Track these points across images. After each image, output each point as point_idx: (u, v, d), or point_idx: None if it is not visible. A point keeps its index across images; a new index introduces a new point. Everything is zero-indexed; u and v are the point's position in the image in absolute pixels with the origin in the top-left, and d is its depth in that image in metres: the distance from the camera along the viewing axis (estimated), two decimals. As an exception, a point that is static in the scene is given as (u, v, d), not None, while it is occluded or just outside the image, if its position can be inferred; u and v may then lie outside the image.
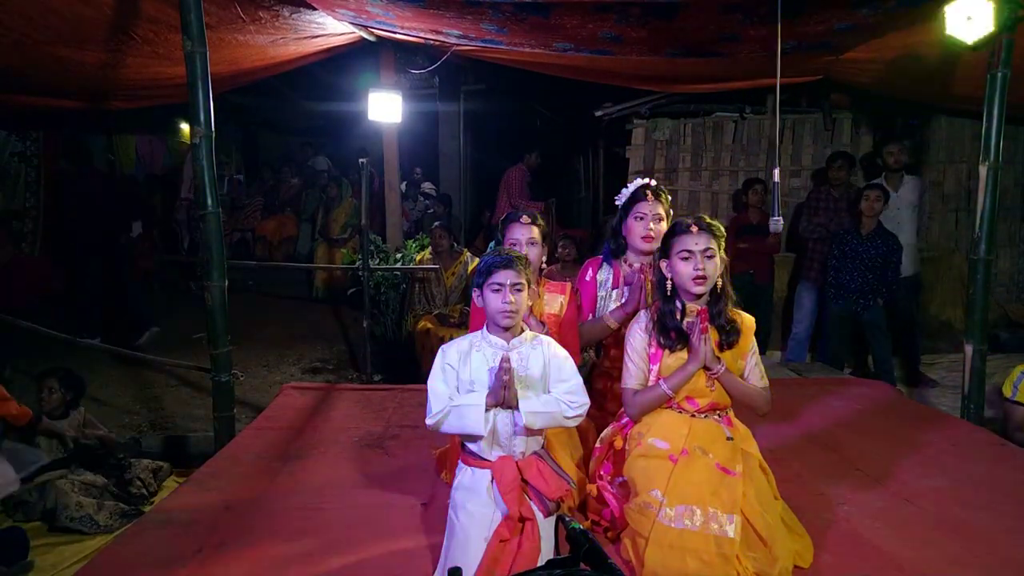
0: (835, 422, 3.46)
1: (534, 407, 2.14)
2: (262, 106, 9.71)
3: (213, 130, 3.32)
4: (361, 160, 5.36)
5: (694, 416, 2.30)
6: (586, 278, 2.89)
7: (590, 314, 2.84)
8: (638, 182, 2.80)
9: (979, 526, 2.41)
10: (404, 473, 2.86)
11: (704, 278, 2.25)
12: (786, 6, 3.52)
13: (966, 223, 6.15)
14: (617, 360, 2.58)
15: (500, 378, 2.12)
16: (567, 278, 3.03)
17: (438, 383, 2.21)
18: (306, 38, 4.98)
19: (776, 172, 3.37)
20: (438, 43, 5.46)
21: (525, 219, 2.71)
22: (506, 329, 2.23)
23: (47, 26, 3.70)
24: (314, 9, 4.35)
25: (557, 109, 9.51)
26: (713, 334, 2.29)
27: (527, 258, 2.35)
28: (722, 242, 2.31)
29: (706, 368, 2.25)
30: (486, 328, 2.29)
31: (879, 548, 2.27)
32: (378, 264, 5.75)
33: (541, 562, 1.99)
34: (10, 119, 6.68)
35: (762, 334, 5.04)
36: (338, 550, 2.26)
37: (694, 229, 2.27)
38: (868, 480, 2.78)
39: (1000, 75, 3.48)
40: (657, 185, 2.80)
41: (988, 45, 3.43)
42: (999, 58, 3.46)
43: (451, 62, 5.93)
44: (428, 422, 2.18)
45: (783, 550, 2.05)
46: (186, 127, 8.44)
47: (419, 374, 4.84)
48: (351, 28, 5.09)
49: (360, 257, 5.40)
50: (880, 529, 2.39)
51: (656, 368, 2.32)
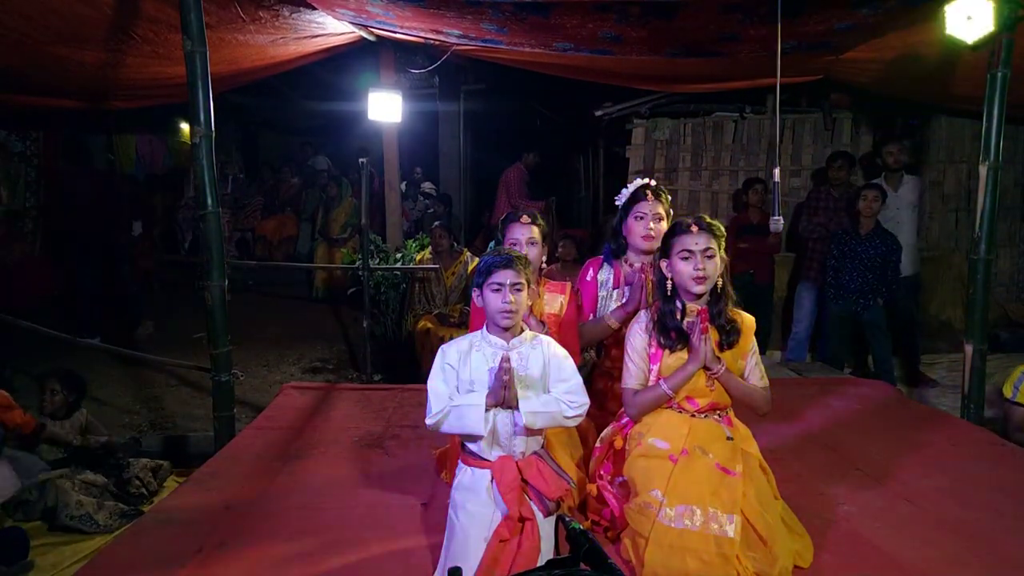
0: (835, 422, 3.45)
1: (534, 407, 2.14)
2: (262, 106, 9.72)
3: (213, 130, 3.32)
4: (361, 160, 5.35)
5: (694, 416, 2.30)
6: (587, 278, 2.89)
7: (591, 314, 2.84)
8: (638, 182, 2.80)
9: (979, 526, 2.41)
10: (404, 473, 2.85)
11: (704, 278, 2.25)
12: (786, 6, 3.52)
13: (966, 223, 6.15)
14: (618, 360, 2.57)
15: (500, 378, 2.12)
16: (567, 278, 3.03)
17: (438, 383, 2.21)
18: (306, 38, 4.98)
19: (776, 172, 3.37)
20: (438, 43, 5.45)
21: (525, 219, 2.71)
22: (506, 329, 2.23)
23: (47, 26, 3.69)
24: (314, 9, 4.34)
25: (557, 109, 9.50)
26: (713, 334, 2.29)
27: (527, 258, 2.34)
28: (722, 242, 2.32)
29: (706, 368, 2.25)
30: (486, 328, 2.29)
31: (879, 548, 2.27)
32: (378, 264, 5.74)
33: (541, 562, 1.98)
34: (10, 119, 6.67)
35: (762, 334, 5.03)
36: (338, 550, 2.26)
37: (694, 229, 2.28)
38: (868, 480, 2.78)
39: (1000, 75, 3.48)
40: (657, 185, 2.80)
41: (988, 45, 3.43)
42: (999, 58, 3.46)
43: (451, 62, 5.93)
44: (428, 422, 2.18)
45: (783, 550, 2.05)
46: (186, 127, 8.42)
47: (419, 374, 4.84)
48: (351, 28, 5.08)
49: (360, 257, 5.39)
50: (880, 529, 2.39)
51: (656, 368, 2.32)
